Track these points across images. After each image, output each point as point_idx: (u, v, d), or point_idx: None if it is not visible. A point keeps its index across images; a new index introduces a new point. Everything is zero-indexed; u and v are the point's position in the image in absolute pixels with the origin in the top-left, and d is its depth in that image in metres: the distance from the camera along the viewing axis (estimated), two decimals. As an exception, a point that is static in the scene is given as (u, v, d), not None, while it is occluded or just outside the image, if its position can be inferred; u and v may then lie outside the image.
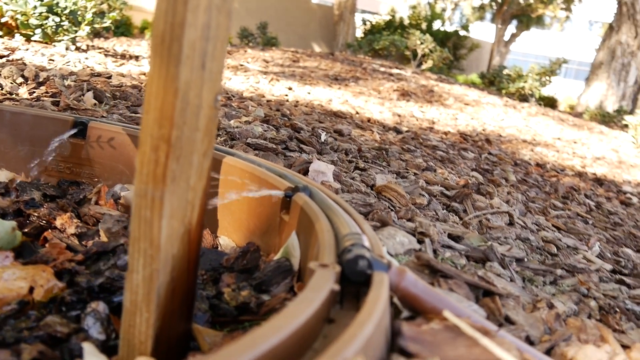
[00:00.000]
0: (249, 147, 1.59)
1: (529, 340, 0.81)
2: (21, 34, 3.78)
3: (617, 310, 1.12)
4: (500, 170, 2.72)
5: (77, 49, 3.94)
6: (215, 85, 0.69)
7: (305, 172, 1.36)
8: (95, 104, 1.74)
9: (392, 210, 1.26)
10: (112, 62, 3.39)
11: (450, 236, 1.21)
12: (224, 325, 0.80)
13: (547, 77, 10.50)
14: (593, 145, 6.06)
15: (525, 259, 1.21)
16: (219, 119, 1.81)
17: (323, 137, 1.93)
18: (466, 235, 1.22)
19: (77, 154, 1.30)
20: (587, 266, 1.39)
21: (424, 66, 10.48)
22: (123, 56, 4.15)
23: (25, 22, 3.62)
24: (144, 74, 2.85)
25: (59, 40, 3.76)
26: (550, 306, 0.95)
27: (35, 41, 3.73)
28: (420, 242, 1.06)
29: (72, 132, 1.28)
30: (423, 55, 10.34)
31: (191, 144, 0.66)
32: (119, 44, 5.67)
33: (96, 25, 4.05)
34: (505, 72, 11.47)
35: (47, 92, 1.76)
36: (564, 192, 2.67)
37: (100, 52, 3.89)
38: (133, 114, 1.69)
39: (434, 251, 1.08)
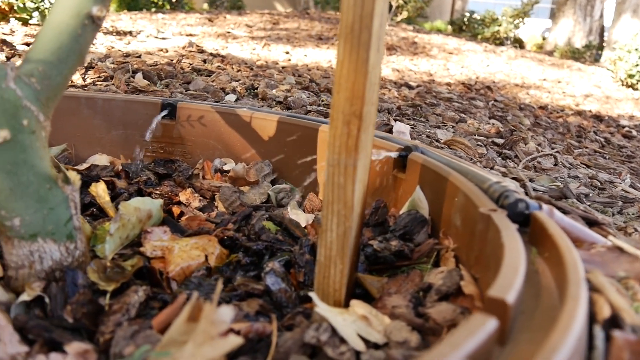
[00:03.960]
0: (318, 115, 1.68)
1: (640, 260, 0.94)
2: (17, 18, 3.74)
3: (680, 231, 1.26)
4: (512, 116, 2.85)
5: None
6: (381, 64, 0.79)
7: (389, 132, 1.47)
8: (148, 84, 1.81)
9: (471, 161, 1.38)
10: (118, 39, 3.40)
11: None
12: (381, 271, 0.92)
13: (520, 19, 10.63)
14: (576, 83, 6.23)
15: (590, 194, 1.35)
16: (265, 90, 1.90)
17: (366, 98, 2.02)
18: (537, 177, 1.34)
19: (168, 134, 1.38)
20: (635, 196, 1.53)
21: (398, 18, 10.50)
22: (118, 32, 4.14)
23: (22, 5, 3.59)
24: (161, 50, 2.90)
25: (57, 22, 3.73)
26: (636, 230, 1.09)
27: (33, 24, 3.70)
28: (522, 186, 1.19)
29: (164, 113, 1.36)
30: (397, 7, 10.36)
31: (370, 117, 0.76)
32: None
33: (89, 3, 4.02)
34: (475, 16, 11.53)
35: (99, 77, 1.81)
36: (575, 131, 2.82)
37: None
38: (192, 92, 1.76)
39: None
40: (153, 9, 8.30)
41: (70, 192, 0.78)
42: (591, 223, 1.01)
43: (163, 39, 4.16)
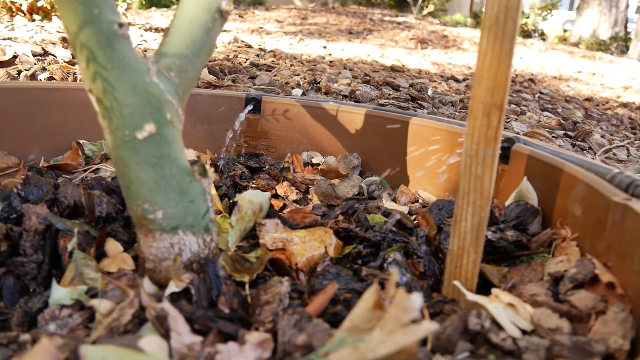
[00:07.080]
0: (396, 109, 1.69)
1: None
2: (58, 17, 3.80)
3: None
4: (562, 109, 2.83)
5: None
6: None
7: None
8: (216, 79, 1.83)
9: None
10: (160, 36, 3.44)
11: (614, 170, 1.33)
12: (498, 261, 0.92)
13: (548, 11, 10.52)
14: (611, 75, 6.16)
15: (677, 185, 1.34)
16: (327, 83, 1.92)
17: (430, 92, 2.03)
18: (624, 168, 1.34)
19: (252, 128, 1.40)
20: None
21: (424, 11, 10.45)
22: (156, 30, 4.18)
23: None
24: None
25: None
26: None
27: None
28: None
29: (249, 108, 1.37)
30: (424, 0, 10.32)
31: (505, 107, 0.77)
32: (138, 17, 5.67)
33: (128, 1, 4.07)
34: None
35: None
36: (627, 122, 2.79)
37: (138, 28, 3.93)
38: (261, 86, 1.78)
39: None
40: (175, 7, 8.34)
41: (207, 185, 0.80)
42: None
43: (200, 35, 4.18)
